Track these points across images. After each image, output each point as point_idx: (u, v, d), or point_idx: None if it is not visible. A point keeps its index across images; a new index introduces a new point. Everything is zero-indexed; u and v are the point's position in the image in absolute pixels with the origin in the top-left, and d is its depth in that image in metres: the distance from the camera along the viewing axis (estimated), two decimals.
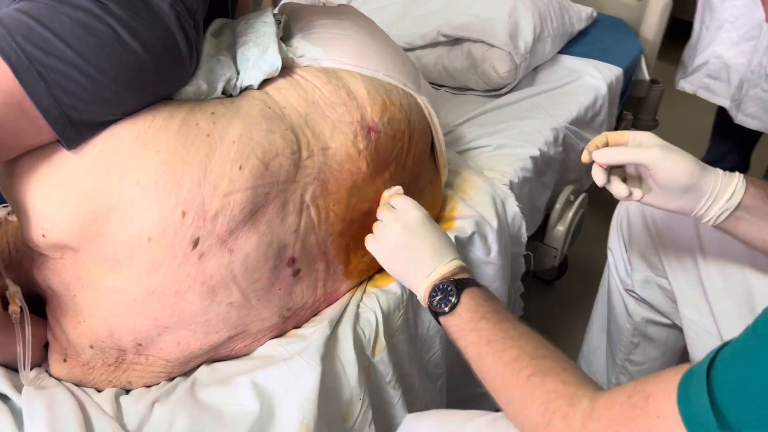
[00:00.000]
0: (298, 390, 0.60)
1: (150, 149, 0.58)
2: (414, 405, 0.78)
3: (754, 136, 1.60)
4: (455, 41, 1.25)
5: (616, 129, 1.56)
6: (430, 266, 0.65)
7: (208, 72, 0.67)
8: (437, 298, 0.62)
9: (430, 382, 0.86)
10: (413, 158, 0.77)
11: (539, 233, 1.21)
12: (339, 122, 0.69)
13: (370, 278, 0.78)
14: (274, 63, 0.68)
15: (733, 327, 0.72)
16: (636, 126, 1.77)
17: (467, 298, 0.60)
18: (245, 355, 0.67)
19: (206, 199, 0.59)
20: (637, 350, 0.93)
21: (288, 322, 0.69)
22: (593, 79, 1.28)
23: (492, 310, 0.59)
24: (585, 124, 1.22)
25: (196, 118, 0.61)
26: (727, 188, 0.60)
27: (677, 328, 0.84)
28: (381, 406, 0.73)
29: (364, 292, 0.75)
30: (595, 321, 1.01)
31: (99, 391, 0.63)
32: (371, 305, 0.73)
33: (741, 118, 1.46)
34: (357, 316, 0.71)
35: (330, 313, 0.70)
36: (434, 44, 1.27)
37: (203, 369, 0.65)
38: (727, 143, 1.68)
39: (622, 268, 0.90)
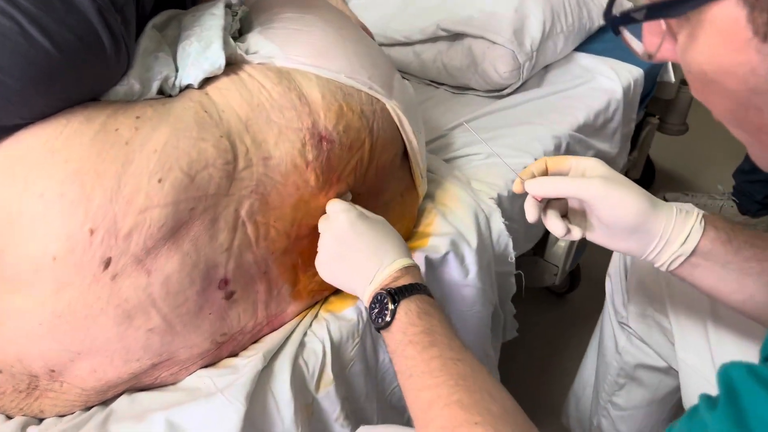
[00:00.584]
0: None
1: (58, 158, 0.52)
2: None
3: None
4: (456, 36, 1.15)
5: (637, 135, 1.43)
6: (370, 273, 0.58)
7: (144, 70, 0.60)
8: (375, 311, 0.56)
9: (396, 415, 0.78)
10: (375, 170, 0.69)
11: (540, 248, 1.11)
12: (286, 128, 0.61)
13: (325, 301, 0.70)
14: (216, 61, 0.62)
15: None
16: (663, 131, 1.63)
17: (402, 313, 0.53)
18: (172, 383, 0.61)
19: (119, 216, 0.52)
20: (621, 392, 0.83)
21: (223, 348, 0.62)
22: (608, 80, 1.16)
23: (422, 331, 0.51)
24: (595, 131, 1.11)
25: (117, 122, 0.55)
26: (681, 230, 0.51)
27: (670, 374, 0.73)
28: None
29: (315, 317, 0.68)
30: (590, 355, 0.91)
31: (10, 418, 0.58)
32: (320, 333, 0.65)
33: None
34: (302, 345, 0.64)
35: (270, 341, 0.63)
36: (434, 39, 1.17)
37: (123, 399, 0.59)
38: None
39: (618, 298, 0.79)
